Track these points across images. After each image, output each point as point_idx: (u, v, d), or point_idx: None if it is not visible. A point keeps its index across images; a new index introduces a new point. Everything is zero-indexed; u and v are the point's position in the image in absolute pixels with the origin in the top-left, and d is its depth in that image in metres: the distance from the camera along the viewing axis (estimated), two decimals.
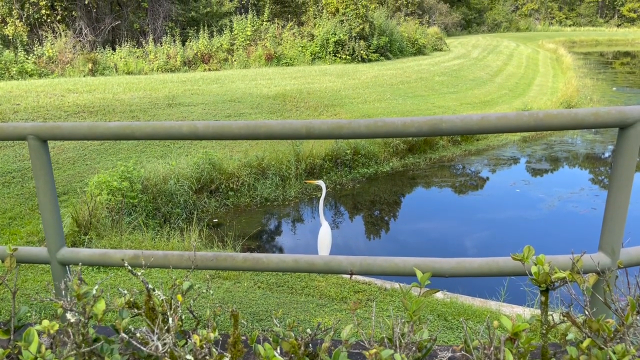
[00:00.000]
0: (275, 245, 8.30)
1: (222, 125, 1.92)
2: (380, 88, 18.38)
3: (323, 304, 5.61)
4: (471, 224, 8.88)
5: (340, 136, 1.86)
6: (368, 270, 1.97)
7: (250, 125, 1.91)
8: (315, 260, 2.01)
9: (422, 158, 12.62)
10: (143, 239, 6.90)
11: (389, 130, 1.79)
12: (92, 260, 2.16)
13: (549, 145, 14.41)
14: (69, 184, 9.22)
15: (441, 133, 1.79)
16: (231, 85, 17.17)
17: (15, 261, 1.74)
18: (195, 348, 1.28)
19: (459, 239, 8.27)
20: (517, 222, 8.76)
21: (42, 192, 2.07)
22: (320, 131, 1.87)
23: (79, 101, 13.56)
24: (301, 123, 1.89)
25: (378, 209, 10.05)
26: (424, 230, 8.78)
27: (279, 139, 1.94)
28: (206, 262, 2.08)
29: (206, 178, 9.66)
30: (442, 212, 9.68)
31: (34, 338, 1.18)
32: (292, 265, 2.02)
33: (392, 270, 1.96)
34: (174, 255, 2.09)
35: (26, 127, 2.02)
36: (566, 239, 7.89)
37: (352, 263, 1.97)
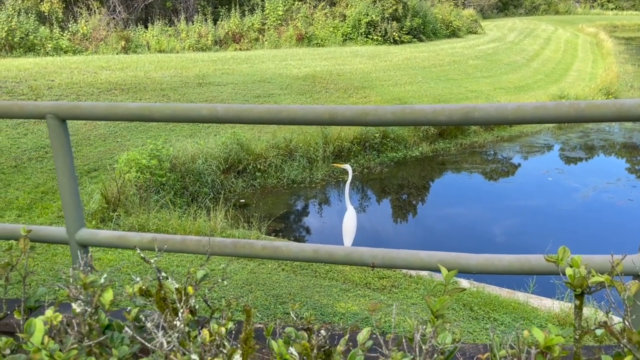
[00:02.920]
0: (301, 228, 8.28)
1: (243, 108, 1.85)
2: (412, 71, 18.05)
3: (346, 289, 5.56)
4: (501, 213, 8.67)
5: (365, 123, 1.77)
6: (391, 264, 1.88)
7: (272, 110, 1.83)
8: (335, 251, 1.94)
9: (452, 143, 12.36)
10: (170, 217, 6.94)
11: (417, 117, 1.69)
12: (110, 243, 2.14)
13: (585, 133, 13.94)
14: (99, 161, 9.35)
15: (473, 122, 1.67)
16: (261, 65, 17.10)
17: (29, 243, 1.71)
18: (203, 344, 1.22)
19: (487, 228, 8.09)
20: (549, 211, 8.51)
21: (61, 172, 2.04)
22: (344, 118, 1.78)
23: (112, 78, 13.70)
24: (324, 109, 1.81)
25: (405, 195, 9.92)
26: (452, 217, 8.61)
27: (300, 124, 1.85)
28: (224, 248, 2.03)
29: (234, 158, 9.66)
30: (471, 200, 9.48)
31: (37, 327, 1.14)
32: (311, 255, 1.95)
33: (416, 265, 1.87)
34: (192, 240, 2.05)
35: (45, 106, 1.98)
36: (600, 232, 7.63)
37: (375, 256, 1.89)
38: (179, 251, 2.05)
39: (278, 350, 1.35)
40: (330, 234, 7.99)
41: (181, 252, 2.02)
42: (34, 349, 1.17)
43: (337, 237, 7.47)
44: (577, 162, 11.66)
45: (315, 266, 6.09)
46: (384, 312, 4.88)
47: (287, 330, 1.28)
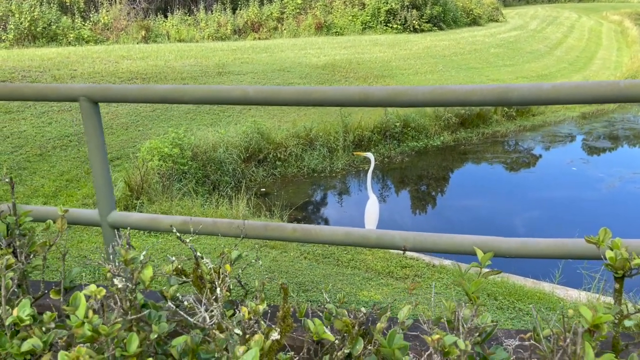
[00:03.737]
0: (321, 217, 8.28)
1: (274, 90, 1.84)
2: (432, 59, 17.85)
3: (369, 278, 5.55)
4: (524, 203, 8.56)
5: (397, 104, 1.75)
6: (422, 247, 1.87)
7: (303, 91, 1.82)
8: (367, 235, 1.92)
9: (474, 133, 12.23)
10: (192, 205, 6.99)
11: (450, 98, 1.66)
12: (141, 225, 2.15)
13: (610, 123, 13.68)
14: (121, 149, 9.44)
15: (508, 103, 1.64)
16: (280, 54, 17.06)
17: (66, 222, 1.73)
18: (243, 321, 1.22)
19: (511, 219, 8.00)
20: (574, 202, 8.38)
21: (94, 155, 2.06)
22: (376, 98, 1.76)
23: (132, 68, 13.79)
24: (356, 89, 1.79)
25: (427, 185, 9.85)
26: (474, 208, 8.53)
27: (332, 105, 1.84)
28: (255, 231, 2.03)
29: (254, 147, 9.68)
30: (494, 190, 9.37)
31: (82, 302, 1.15)
32: (343, 238, 1.94)
33: (449, 248, 1.85)
34: (223, 222, 2.05)
35: (78, 88, 2.00)
36: (627, 222, 7.48)
37: (406, 239, 1.87)
38: (210, 233, 2.05)
39: (315, 330, 1.35)
40: (351, 223, 7.98)
41: (212, 234, 2.03)
42: (77, 322, 1.18)
43: (359, 226, 7.47)
44: (602, 152, 11.45)
45: (338, 254, 6.08)
46: (407, 301, 4.85)
47: (327, 306, 1.28)
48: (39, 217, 2.14)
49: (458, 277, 5.68)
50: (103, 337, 1.23)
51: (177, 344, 1.31)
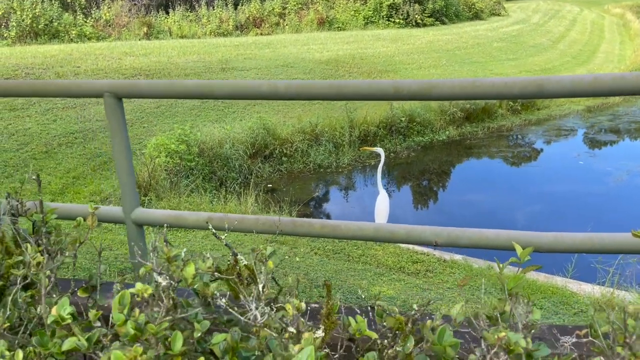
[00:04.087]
0: (330, 213, 8.25)
1: (304, 84, 1.81)
2: (436, 54, 17.79)
3: (381, 273, 5.53)
4: (532, 197, 8.53)
5: (430, 97, 1.72)
6: (455, 242, 1.84)
7: (335, 85, 1.79)
8: (396, 230, 1.90)
9: (480, 127, 12.19)
10: (201, 202, 6.98)
11: (486, 91, 1.64)
12: (166, 221, 2.13)
13: (615, 116, 13.64)
14: None
15: (545, 95, 1.61)
16: (283, 50, 17.01)
17: (96, 219, 1.71)
18: (286, 318, 1.20)
19: (519, 213, 7.97)
20: (583, 195, 8.35)
21: (118, 151, 2.03)
22: (409, 91, 1.73)
23: (136, 64, 13.75)
24: (389, 83, 1.76)
25: (433, 179, 9.82)
26: (482, 203, 8.51)
27: (364, 99, 1.81)
28: (282, 227, 2.00)
29: (260, 143, 9.65)
30: (501, 184, 9.34)
31: (128, 301, 1.13)
32: (371, 233, 1.91)
33: (482, 243, 1.82)
34: (249, 219, 2.03)
35: (103, 84, 1.97)
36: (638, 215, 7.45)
37: (437, 234, 1.85)
38: (236, 230, 2.03)
39: (356, 327, 1.33)
40: (360, 218, 7.96)
41: (239, 230, 2.01)
42: (120, 321, 1.15)
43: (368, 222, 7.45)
44: (609, 145, 11.42)
45: (348, 250, 6.06)
46: (421, 297, 4.84)
47: (379, 302, 1.25)
48: (63, 214, 2.12)
49: (469, 272, 5.67)
50: (145, 336, 1.21)
51: (219, 342, 1.28)
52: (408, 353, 1.11)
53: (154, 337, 1.11)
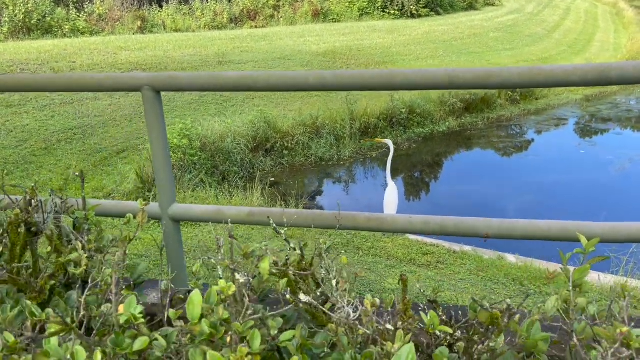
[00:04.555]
0: (334, 206, 8.20)
1: (353, 75, 1.77)
2: (432, 45, 17.75)
3: (392, 265, 5.51)
4: (535, 187, 8.53)
5: (487, 86, 1.68)
6: (507, 234, 1.81)
7: (385, 75, 1.75)
8: (446, 223, 1.86)
9: (479, 117, 12.18)
10: (206, 197, 6.92)
11: (547, 78, 1.60)
12: (205, 217, 2.08)
13: (614, 105, 13.68)
14: (127, 141, 9.32)
15: (609, 82, 1.57)
16: (279, 42, 16.90)
17: (146, 216, 1.66)
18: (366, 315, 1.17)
19: (523, 203, 7.97)
20: (587, 185, 8.36)
21: (156, 145, 1.98)
22: (464, 80, 1.69)
23: (132, 59, 13.61)
24: (443, 71, 1.71)
25: (435, 171, 9.81)
26: (485, 193, 8.50)
27: (416, 89, 1.77)
28: (325, 221, 1.96)
29: (262, 137, 9.58)
30: (502, 175, 9.34)
31: (215, 298, 1.09)
32: (420, 227, 1.88)
33: (535, 235, 1.79)
34: (290, 212, 1.99)
35: (142, 77, 1.91)
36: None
37: (489, 226, 1.81)
38: (280, 224, 1.98)
39: (429, 322, 1.30)
40: (366, 209, 7.94)
41: (281, 225, 1.96)
42: (195, 319, 1.11)
43: None
44: (609, 134, 11.44)
45: (358, 242, 6.04)
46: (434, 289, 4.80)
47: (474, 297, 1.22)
48: (102, 212, 2.07)
49: (479, 264, 5.67)
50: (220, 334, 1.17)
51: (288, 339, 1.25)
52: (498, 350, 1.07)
53: (237, 335, 1.06)
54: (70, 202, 1.78)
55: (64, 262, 1.57)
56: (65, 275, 1.67)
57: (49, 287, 1.60)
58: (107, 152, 8.78)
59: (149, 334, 1.24)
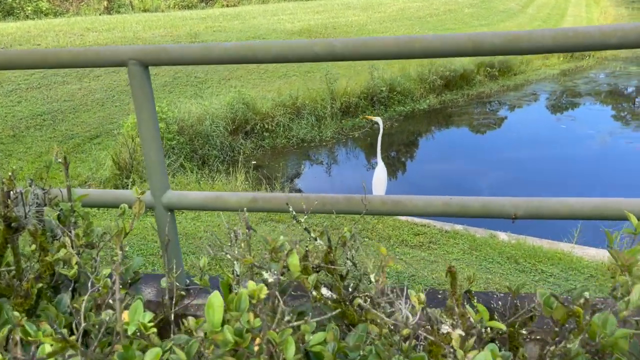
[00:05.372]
0: (320, 188, 8.03)
1: (367, 42, 1.58)
2: (408, 21, 17.55)
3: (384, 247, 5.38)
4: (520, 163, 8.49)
5: (517, 51, 1.52)
6: (536, 214, 1.67)
7: (402, 42, 1.57)
8: (469, 203, 1.72)
9: (459, 94, 12.10)
10: (188, 182, 6.68)
11: (582, 41, 1.45)
12: (203, 205, 1.89)
13: (590, 79, 13.75)
14: (100, 126, 8.97)
15: None
16: (253, 21, 16.49)
17: (144, 206, 1.47)
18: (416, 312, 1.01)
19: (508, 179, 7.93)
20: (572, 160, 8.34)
21: (144, 127, 1.78)
22: (491, 46, 1.52)
23: (100, 40, 13.10)
24: (466, 37, 1.55)
25: (418, 149, 9.70)
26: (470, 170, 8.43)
27: (438, 57, 1.60)
28: (336, 205, 1.80)
29: (241, 119, 9.33)
30: (488, 151, 9.28)
31: (246, 304, 0.91)
32: (441, 208, 1.72)
33: (566, 214, 1.66)
34: (297, 197, 1.81)
35: (126, 50, 1.70)
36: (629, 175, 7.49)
37: (516, 205, 1.67)
38: (285, 210, 1.81)
39: (476, 317, 1.15)
40: (353, 190, 7.81)
41: (287, 211, 1.79)
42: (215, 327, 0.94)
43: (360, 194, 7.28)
44: (587, 108, 11.49)
45: (347, 225, 5.90)
46: (429, 270, 4.72)
47: (540, 291, 1.07)
48: (88, 202, 1.86)
49: (472, 243, 5.59)
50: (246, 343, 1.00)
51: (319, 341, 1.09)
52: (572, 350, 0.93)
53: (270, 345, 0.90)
54: (53, 192, 1.57)
55: (52, 261, 1.37)
56: (52, 277, 1.47)
57: (36, 290, 1.40)
58: (80, 138, 8.43)
59: (160, 344, 1.06)
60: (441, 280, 4.63)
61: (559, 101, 12.04)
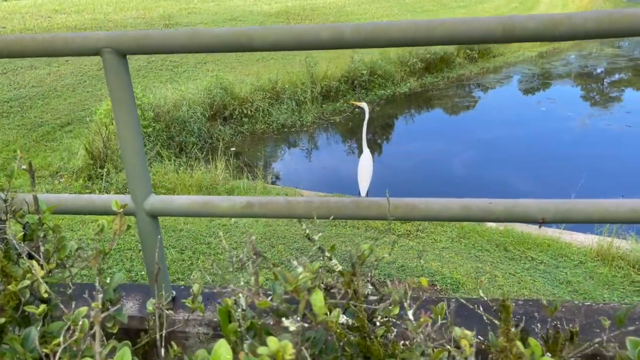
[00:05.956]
0: (303, 176, 7.81)
1: (380, 27, 1.39)
2: (387, 3, 17.32)
3: (371, 237, 5.24)
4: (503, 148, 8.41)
5: (553, 37, 1.34)
6: (566, 218, 1.51)
7: (421, 27, 1.38)
8: (492, 208, 1.54)
9: (439, 77, 11.97)
10: (166, 171, 6.41)
11: (630, 25, 1.28)
12: (190, 211, 1.68)
13: (568, 61, 13.76)
14: (72, 113, 8.58)
15: None
16: (229, 3, 16.06)
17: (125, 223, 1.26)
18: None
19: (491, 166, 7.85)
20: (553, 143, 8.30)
21: (123, 123, 1.55)
22: (524, 31, 1.34)
23: (69, 22, 12.57)
24: (496, 21, 1.36)
25: (401, 134, 9.55)
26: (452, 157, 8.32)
27: (463, 43, 1.41)
28: (343, 210, 1.61)
29: (219, 104, 9.04)
30: (470, 135, 9.17)
31: None
32: (460, 213, 1.55)
33: (599, 217, 1.50)
34: (299, 202, 1.62)
35: (99, 37, 1.47)
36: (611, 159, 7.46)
37: (544, 209, 1.51)
38: (285, 216, 1.62)
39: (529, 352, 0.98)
40: (337, 179, 7.63)
41: (287, 217, 1.60)
42: None
43: (345, 183, 7.11)
44: (566, 90, 11.47)
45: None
46: (419, 259, 4.59)
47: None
48: (60, 210, 1.63)
49: (460, 231, 5.48)
50: None
51: None
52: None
53: None
54: (17, 200, 1.34)
55: (16, 291, 1.15)
56: (18, 306, 1.25)
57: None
58: (50, 125, 8.05)
59: None
60: (431, 270, 4.51)
61: (538, 83, 12.00)
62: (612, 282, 4.39)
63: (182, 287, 2.02)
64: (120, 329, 1.97)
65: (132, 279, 3.78)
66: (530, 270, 4.58)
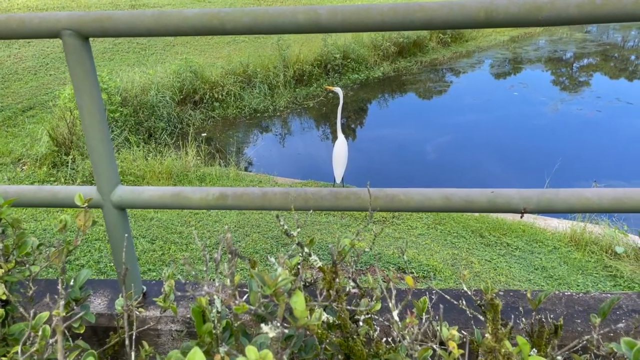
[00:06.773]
0: (277, 161, 7.73)
1: (357, 11, 1.32)
2: None
3: (347, 224, 5.21)
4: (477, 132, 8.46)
5: (537, 22, 1.29)
6: (548, 207, 1.48)
7: (400, 11, 1.31)
8: (473, 197, 1.50)
9: (413, 62, 11.94)
10: (134, 158, 6.24)
11: (612, 10, 1.24)
12: (160, 203, 1.59)
13: (539, 46, 13.89)
14: (34, 97, 8.28)
15: None
16: None
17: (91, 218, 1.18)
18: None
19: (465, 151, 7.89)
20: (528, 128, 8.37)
21: (87, 110, 1.45)
22: (506, 15, 1.29)
23: (30, 3, 12.10)
24: (478, 4, 1.30)
25: (371, 120, 9.51)
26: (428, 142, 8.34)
27: (444, 28, 1.35)
28: (321, 201, 1.55)
29: (188, 88, 8.83)
30: (443, 119, 9.20)
31: None
32: (442, 203, 1.51)
33: (581, 206, 1.48)
34: (275, 193, 1.56)
35: (59, 18, 1.36)
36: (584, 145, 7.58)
37: (527, 198, 1.48)
38: (260, 208, 1.56)
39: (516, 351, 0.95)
40: (312, 164, 7.56)
41: (263, 209, 1.54)
42: None
43: (320, 169, 7.05)
44: (538, 75, 11.59)
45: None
46: (395, 246, 4.57)
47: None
48: (19, 203, 1.53)
49: (436, 216, 5.48)
50: None
51: None
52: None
53: None
54: None
55: None
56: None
57: None
58: (11, 110, 7.75)
59: None
60: (408, 257, 4.50)
61: (511, 68, 12.09)
62: (586, 267, 4.46)
63: (154, 282, 1.94)
64: (88, 327, 1.89)
65: (101, 271, 3.66)
66: (506, 256, 4.62)
